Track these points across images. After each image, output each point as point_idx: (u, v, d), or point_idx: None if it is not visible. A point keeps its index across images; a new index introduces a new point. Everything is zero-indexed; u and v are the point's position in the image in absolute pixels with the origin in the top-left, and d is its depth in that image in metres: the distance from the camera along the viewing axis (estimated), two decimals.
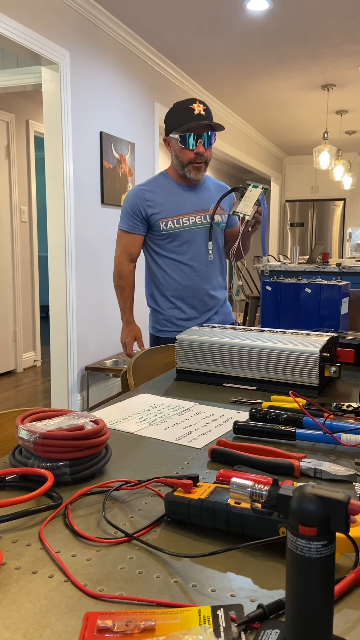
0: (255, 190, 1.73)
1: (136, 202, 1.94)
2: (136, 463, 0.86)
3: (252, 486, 0.57)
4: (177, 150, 1.90)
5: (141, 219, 1.95)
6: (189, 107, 1.84)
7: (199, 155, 1.87)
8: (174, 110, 1.88)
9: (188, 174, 1.92)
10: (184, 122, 1.84)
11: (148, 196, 1.94)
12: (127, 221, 1.98)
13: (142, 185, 1.99)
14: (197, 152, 1.87)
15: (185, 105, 1.85)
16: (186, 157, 1.89)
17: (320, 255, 5.32)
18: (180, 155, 1.90)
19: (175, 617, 0.50)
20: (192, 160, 1.89)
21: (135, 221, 1.96)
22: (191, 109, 1.83)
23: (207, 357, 1.35)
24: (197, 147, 1.86)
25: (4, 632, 0.49)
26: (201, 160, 1.89)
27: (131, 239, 1.99)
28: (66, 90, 3.44)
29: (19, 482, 0.78)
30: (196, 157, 1.88)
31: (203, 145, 1.86)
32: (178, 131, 1.85)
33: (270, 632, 0.47)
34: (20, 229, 5.02)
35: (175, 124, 1.86)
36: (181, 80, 5.13)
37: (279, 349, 1.25)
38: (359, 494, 0.73)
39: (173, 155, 1.94)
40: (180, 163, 1.91)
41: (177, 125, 1.85)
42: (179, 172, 1.95)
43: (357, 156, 9.14)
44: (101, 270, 3.97)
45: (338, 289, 1.81)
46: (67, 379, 3.68)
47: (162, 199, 1.94)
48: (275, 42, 4.32)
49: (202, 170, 1.92)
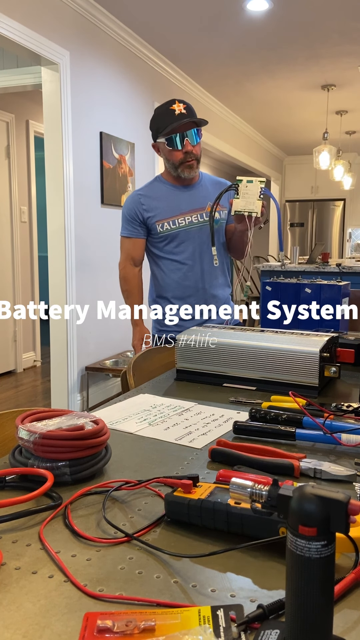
0: (252, 185, 1.68)
1: (133, 207, 1.98)
2: (136, 463, 0.86)
3: (252, 486, 0.57)
4: (167, 153, 1.92)
5: (140, 223, 1.98)
6: (169, 109, 1.86)
7: (188, 154, 1.89)
8: (156, 115, 1.91)
9: (182, 174, 1.94)
10: (167, 124, 1.85)
11: (144, 200, 1.97)
12: (127, 227, 2.01)
13: (139, 190, 2.03)
14: (186, 151, 1.89)
15: (164, 108, 1.87)
16: (176, 158, 1.91)
17: (320, 255, 5.32)
18: (171, 157, 1.92)
19: (175, 617, 0.50)
20: (182, 160, 1.91)
21: (134, 226, 1.99)
22: (171, 110, 1.85)
23: (207, 357, 1.35)
24: (184, 146, 1.87)
25: (4, 632, 0.49)
26: (192, 158, 1.91)
27: (133, 244, 2.01)
28: (66, 91, 3.44)
29: (19, 482, 0.78)
30: (186, 156, 1.90)
31: (190, 143, 1.88)
32: (163, 134, 1.88)
33: (270, 632, 0.47)
34: (20, 229, 5.02)
35: (159, 129, 1.89)
36: (181, 80, 5.13)
37: (279, 349, 1.25)
38: (359, 494, 0.73)
39: (164, 159, 1.96)
40: (173, 165, 1.93)
41: (161, 129, 1.87)
42: (173, 174, 1.97)
43: (357, 156, 9.14)
44: (101, 270, 3.97)
45: (338, 289, 1.81)
46: (67, 379, 3.68)
47: (157, 201, 1.96)
48: (275, 42, 4.32)
49: (194, 168, 1.94)
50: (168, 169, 1.97)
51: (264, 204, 1.71)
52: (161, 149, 1.94)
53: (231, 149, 6.75)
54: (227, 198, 2.05)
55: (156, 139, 1.93)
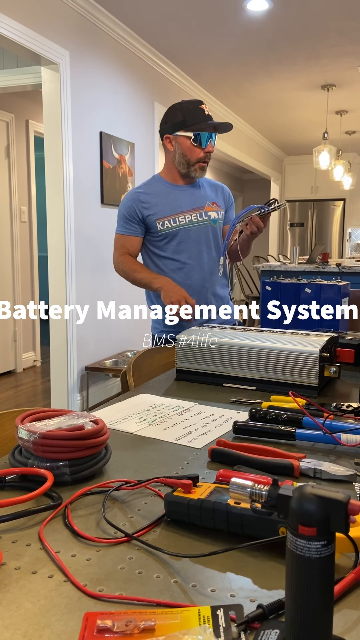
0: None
1: (132, 204, 1.95)
2: (136, 463, 0.86)
3: (251, 486, 0.57)
4: (186, 148, 1.89)
5: (138, 221, 1.95)
6: (200, 107, 1.87)
7: (207, 154, 1.90)
8: (184, 109, 1.88)
9: (193, 173, 1.93)
10: (197, 122, 1.85)
11: (143, 198, 1.94)
12: (124, 224, 1.97)
13: (137, 188, 2.00)
14: (207, 151, 1.90)
15: (194, 104, 1.88)
16: (195, 155, 1.90)
17: (320, 255, 5.32)
18: (189, 153, 1.90)
19: (175, 617, 0.50)
20: (200, 159, 1.91)
21: (132, 224, 1.96)
22: (202, 109, 1.87)
23: (207, 357, 1.35)
24: (207, 146, 1.89)
25: (4, 632, 0.49)
26: (208, 160, 1.92)
27: (129, 241, 1.98)
28: (66, 90, 3.44)
29: (19, 482, 0.78)
30: (205, 156, 1.91)
31: (212, 145, 1.90)
32: (191, 129, 1.86)
33: (270, 632, 0.47)
34: (20, 229, 5.02)
35: (186, 122, 1.87)
36: (181, 80, 5.13)
37: (279, 349, 1.25)
38: (359, 494, 0.73)
39: (178, 154, 1.92)
40: (187, 162, 1.91)
41: (189, 123, 1.86)
42: (180, 172, 1.95)
43: (357, 156, 9.14)
44: (101, 270, 3.97)
45: (338, 289, 1.81)
46: (67, 379, 3.68)
47: (157, 199, 1.94)
48: (275, 42, 4.32)
49: (205, 170, 1.95)
50: (176, 165, 1.94)
51: (253, 219, 1.78)
52: (180, 142, 1.90)
53: (231, 148, 6.75)
54: (225, 199, 2.07)
55: (175, 132, 1.89)
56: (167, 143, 1.93)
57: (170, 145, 1.93)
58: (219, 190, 2.08)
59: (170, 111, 1.91)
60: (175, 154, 1.93)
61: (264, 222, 1.81)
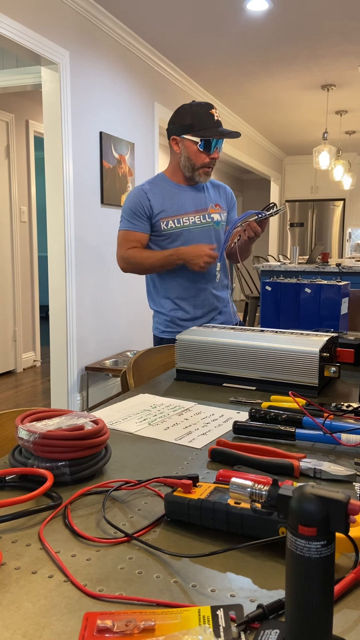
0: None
1: (139, 200, 1.92)
2: (136, 463, 0.86)
3: (251, 486, 0.57)
4: (192, 153, 1.89)
5: (145, 217, 1.92)
6: (210, 112, 1.85)
7: (213, 160, 1.90)
8: (193, 112, 1.86)
9: (197, 178, 1.93)
10: (207, 127, 1.84)
11: (150, 196, 1.93)
12: (129, 220, 1.94)
13: (142, 185, 1.97)
14: (212, 157, 1.89)
15: (205, 108, 1.86)
16: (200, 161, 1.89)
17: (320, 255, 5.32)
18: (195, 157, 1.89)
19: (175, 617, 0.50)
20: (205, 164, 1.90)
21: (138, 219, 1.93)
22: (211, 114, 1.86)
23: (207, 357, 1.35)
24: (213, 152, 1.88)
25: (4, 632, 0.49)
26: (212, 165, 1.92)
27: (135, 237, 1.94)
28: (66, 90, 3.44)
29: (19, 482, 0.78)
30: (210, 162, 1.90)
31: (218, 152, 1.90)
32: (198, 134, 1.85)
33: (270, 632, 0.47)
34: (20, 229, 5.02)
35: (194, 126, 1.85)
36: (181, 80, 5.13)
37: (279, 349, 1.25)
38: (359, 494, 0.73)
39: (183, 157, 1.91)
40: (192, 166, 1.90)
41: (197, 128, 1.85)
42: (185, 174, 1.94)
43: (357, 156, 9.14)
44: (101, 270, 3.97)
45: (338, 289, 1.81)
46: (67, 379, 3.68)
47: (162, 199, 1.93)
48: (275, 42, 4.32)
49: (209, 175, 1.95)
50: (181, 167, 1.93)
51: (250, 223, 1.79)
52: (186, 146, 1.89)
53: (231, 149, 6.75)
54: (226, 200, 2.07)
55: (182, 134, 1.88)
56: (174, 144, 1.92)
57: (176, 146, 1.92)
58: (222, 191, 2.08)
59: (179, 112, 1.89)
60: (181, 157, 1.92)
61: (262, 227, 1.81)
